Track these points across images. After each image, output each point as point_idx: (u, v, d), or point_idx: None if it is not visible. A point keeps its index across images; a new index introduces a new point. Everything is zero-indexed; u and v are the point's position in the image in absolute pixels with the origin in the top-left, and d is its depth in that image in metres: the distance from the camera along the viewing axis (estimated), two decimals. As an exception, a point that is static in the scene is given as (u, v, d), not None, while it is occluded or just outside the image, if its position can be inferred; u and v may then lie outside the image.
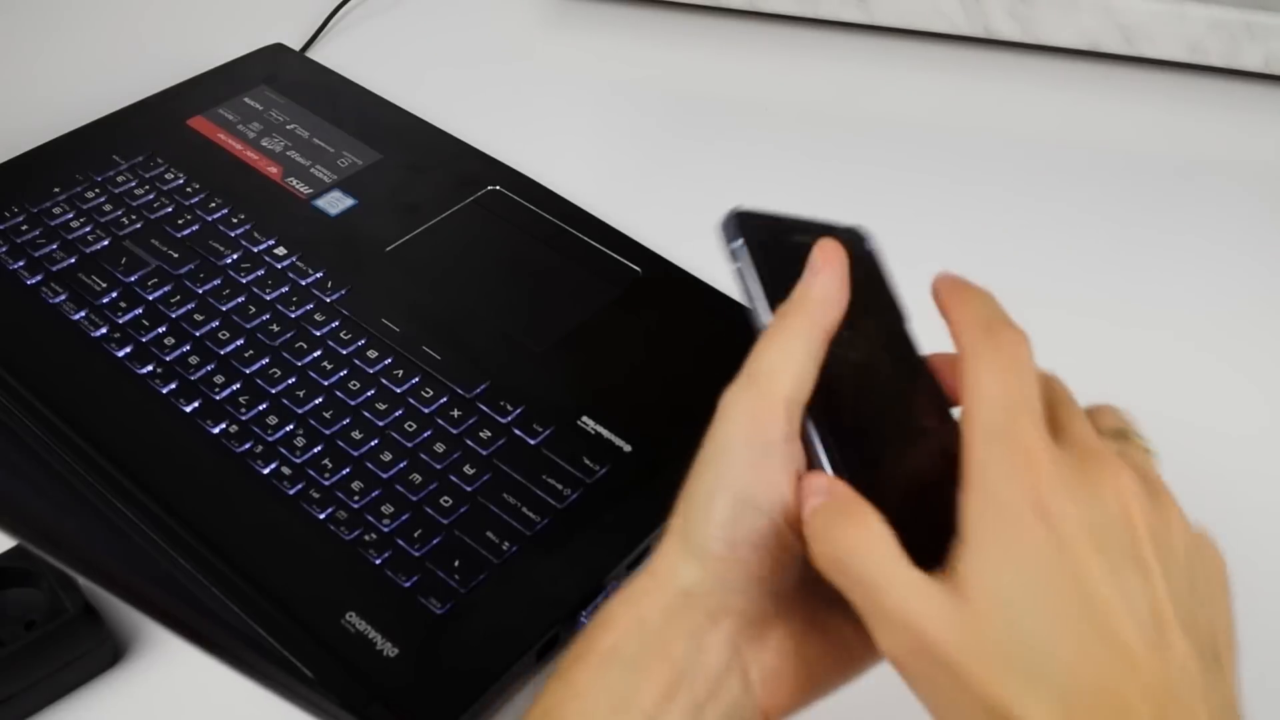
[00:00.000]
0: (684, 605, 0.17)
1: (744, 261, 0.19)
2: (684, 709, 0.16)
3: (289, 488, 0.27)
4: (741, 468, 0.17)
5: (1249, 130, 0.42)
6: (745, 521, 0.17)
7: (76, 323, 0.31)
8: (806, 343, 0.17)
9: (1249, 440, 0.31)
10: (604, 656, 0.17)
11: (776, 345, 0.17)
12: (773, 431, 0.17)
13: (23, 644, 0.24)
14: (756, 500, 0.17)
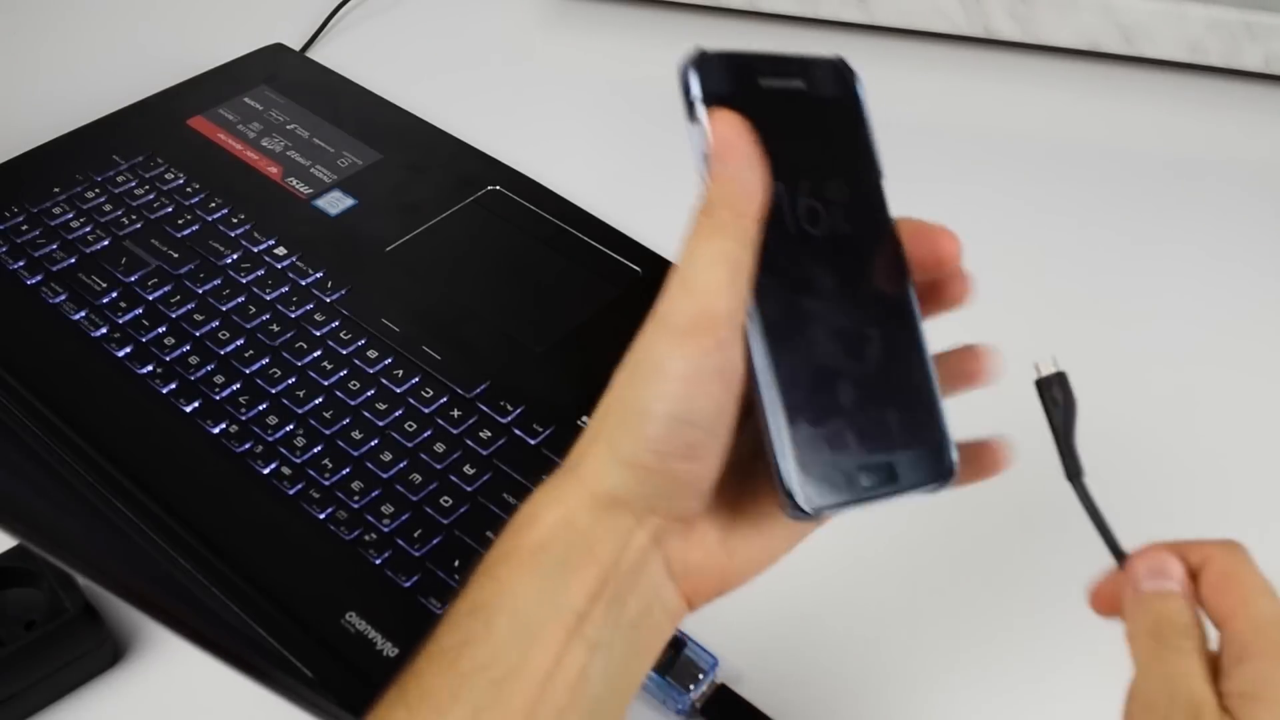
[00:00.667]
0: (610, 507, 0.17)
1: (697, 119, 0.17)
2: (608, 604, 0.17)
3: (289, 488, 0.27)
4: (677, 386, 0.16)
5: (1248, 130, 0.42)
6: (679, 436, 0.16)
7: (76, 323, 0.31)
8: (734, 243, 0.16)
9: (1249, 439, 0.31)
10: (533, 554, 0.17)
11: (704, 253, 0.16)
12: (716, 355, 0.16)
13: (23, 644, 0.24)
14: (692, 417, 0.16)
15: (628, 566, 0.17)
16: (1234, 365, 0.33)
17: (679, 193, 0.45)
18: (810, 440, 0.17)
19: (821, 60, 0.18)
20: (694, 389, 0.16)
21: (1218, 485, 0.30)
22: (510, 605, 0.16)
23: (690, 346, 0.16)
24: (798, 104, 0.18)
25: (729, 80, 0.17)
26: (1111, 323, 0.35)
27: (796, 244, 0.17)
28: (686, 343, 0.16)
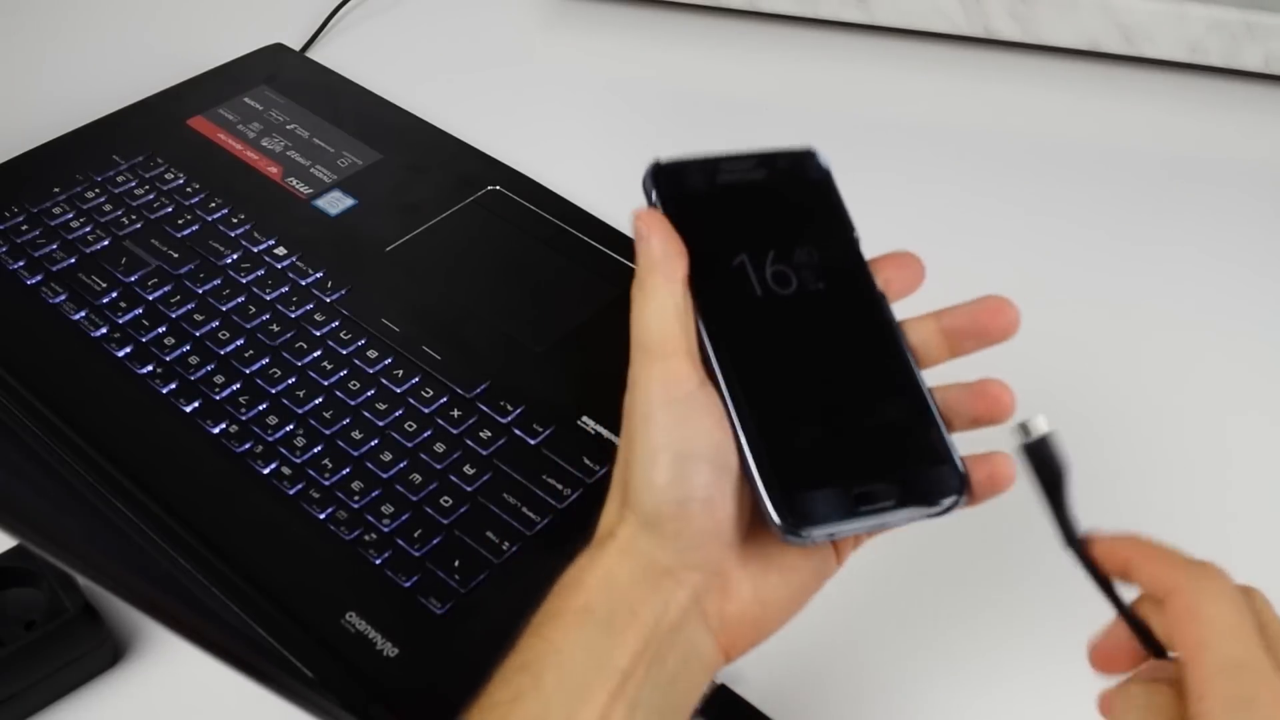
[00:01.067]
0: (648, 569, 0.18)
1: None
2: (650, 663, 0.18)
3: (289, 488, 0.27)
4: (670, 426, 0.18)
5: (1248, 130, 0.42)
6: (688, 475, 0.18)
7: (76, 323, 0.31)
8: (670, 297, 0.19)
9: (1249, 437, 0.31)
10: (579, 615, 0.18)
11: (648, 309, 0.18)
12: (687, 385, 0.18)
13: (22, 644, 0.24)
14: (692, 450, 0.18)
15: (668, 625, 0.18)
16: (1235, 364, 0.33)
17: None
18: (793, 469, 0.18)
19: (788, 152, 0.21)
20: (685, 425, 0.18)
21: (1219, 484, 0.30)
22: (558, 663, 0.18)
23: (670, 391, 0.18)
24: (759, 191, 0.20)
25: (683, 181, 0.20)
26: (1112, 322, 0.35)
27: (763, 303, 0.19)
28: (666, 389, 0.18)
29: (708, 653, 0.19)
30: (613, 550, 0.18)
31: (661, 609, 0.18)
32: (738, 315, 0.19)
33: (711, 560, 0.18)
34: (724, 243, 0.19)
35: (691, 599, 0.18)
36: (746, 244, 0.20)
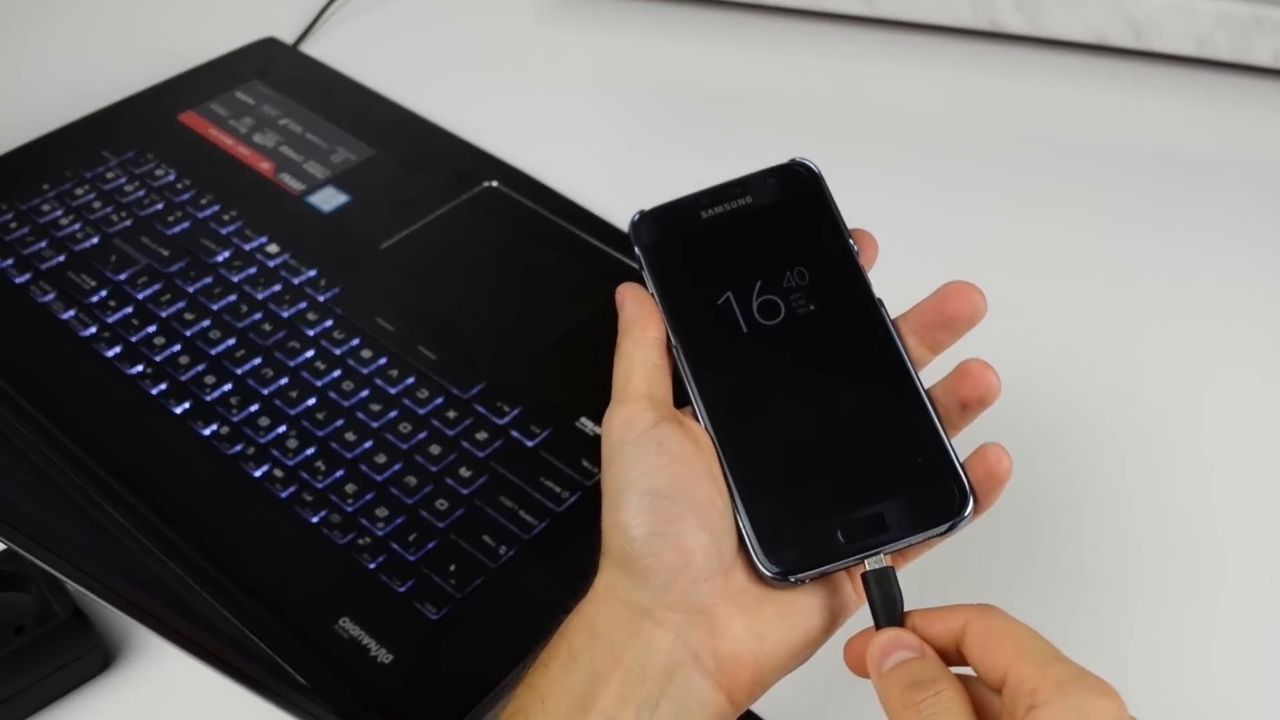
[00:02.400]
0: (626, 611, 0.18)
1: (641, 267, 0.20)
2: (638, 708, 0.17)
3: (281, 490, 0.27)
4: (629, 464, 0.18)
5: (1258, 125, 0.41)
6: (651, 510, 0.18)
7: (65, 322, 0.31)
8: (641, 352, 0.20)
9: (1254, 434, 0.31)
10: (564, 663, 0.18)
11: (621, 365, 0.20)
12: (641, 423, 0.19)
13: (11, 649, 0.23)
14: (652, 485, 0.18)
15: (656, 670, 0.18)
16: (1244, 360, 0.33)
17: (679, 189, 0.44)
18: (775, 507, 0.18)
19: (774, 169, 0.21)
20: (642, 463, 0.18)
21: (1220, 481, 0.29)
22: (543, 709, 0.18)
23: (628, 431, 0.19)
24: (745, 218, 0.20)
25: (665, 227, 0.20)
26: (1120, 317, 0.34)
27: (750, 338, 0.19)
28: (625, 429, 0.19)
29: (708, 698, 0.18)
30: (593, 596, 0.19)
31: (645, 653, 0.18)
32: (723, 355, 0.19)
33: (689, 597, 0.18)
34: (708, 282, 0.19)
35: (676, 641, 0.18)
36: (731, 279, 0.19)
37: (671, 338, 0.19)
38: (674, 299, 0.19)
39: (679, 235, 0.20)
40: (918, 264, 0.36)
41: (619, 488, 0.18)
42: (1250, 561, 0.28)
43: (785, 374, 0.19)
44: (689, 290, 0.19)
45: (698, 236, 0.20)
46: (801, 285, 0.19)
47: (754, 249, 0.20)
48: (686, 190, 0.38)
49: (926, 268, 0.35)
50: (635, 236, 0.20)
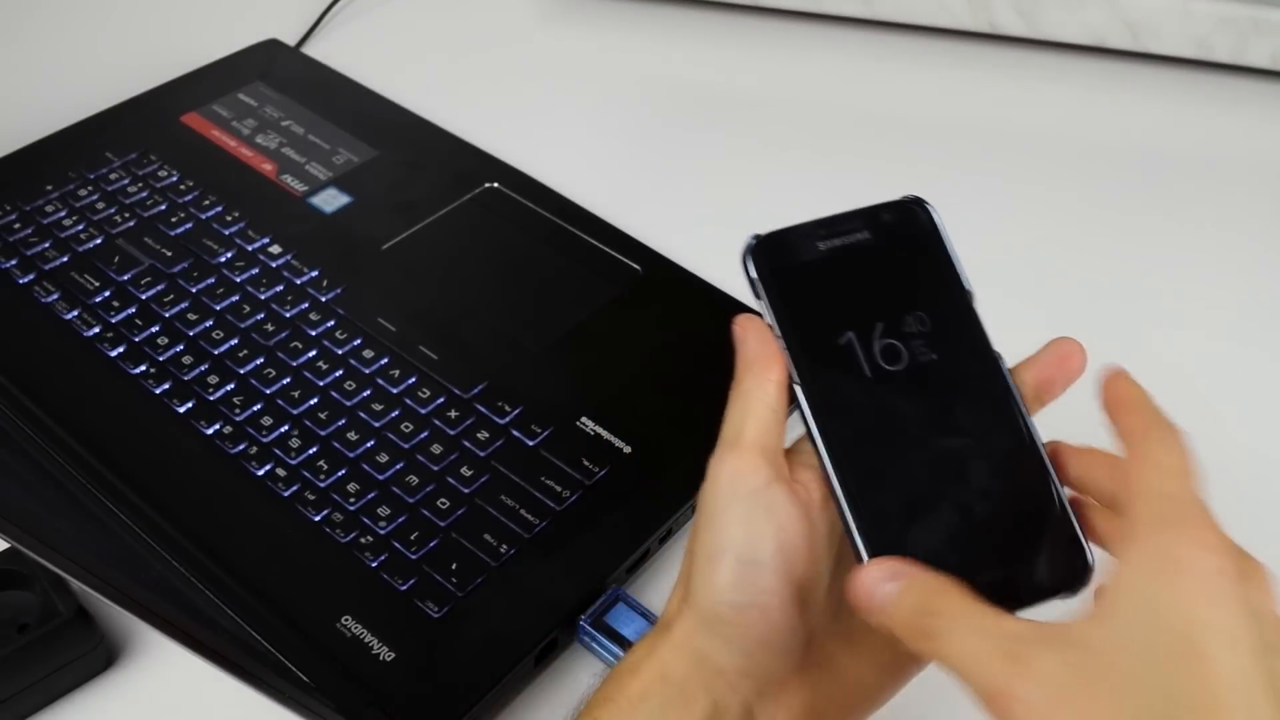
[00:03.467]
0: (701, 666, 0.18)
1: (760, 296, 0.19)
2: None
3: (284, 489, 0.27)
4: (734, 525, 0.18)
5: (1255, 126, 0.41)
6: (749, 580, 0.18)
7: (69, 322, 0.31)
8: (762, 395, 0.19)
9: (1255, 434, 0.31)
10: (633, 702, 0.18)
11: (735, 407, 0.19)
12: (754, 480, 0.18)
13: (15, 647, 0.24)
14: (755, 555, 0.18)
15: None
16: (1242, 361, 0.33)
17: (679, 190, 0.44)
18: None
19: (891, 204, 0.20)
20: (751, 525, 0.18)
21: (1222, 482, 0.30)
22: None
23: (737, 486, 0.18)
24: (864, 254, 0.19)
25: (782, 256, 0.19)
26: (1117, 318, 0.34)
27: (872, 383, 0.18)
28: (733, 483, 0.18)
29: None
30: (670, 644, 0.18)
31: (713, 707, 0.18)
32: (846, 400, 0.18)
33: (767, 669, 0.18)
34: (830, 321, 0.19)
35: (743, 708, 0.18)
36: (853, 318, 0.19)
37: (794, 376, 0.18)
38: (795, 336, 0.18)
39: (797, 266, 0.19)
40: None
41: (719, 546, 0.18)
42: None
43: (909, 425, 0.18)
44: (810, 328, 0.18)
45: (816, 270, 0.19)
46: (922, 331, 0.18)
47: (874, 288, 0.19)
48: (685, 187, 0.38)
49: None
50: (752, 262, 0.19)
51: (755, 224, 0.42)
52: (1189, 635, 0.14)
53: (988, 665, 0.15)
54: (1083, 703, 0.14)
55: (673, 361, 0.31)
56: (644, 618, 0.25)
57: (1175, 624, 0.14)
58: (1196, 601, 0.14)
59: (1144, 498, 0.16)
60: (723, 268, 0.34)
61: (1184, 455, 0.16)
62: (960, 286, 0.19)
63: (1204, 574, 0.15)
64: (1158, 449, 0.16)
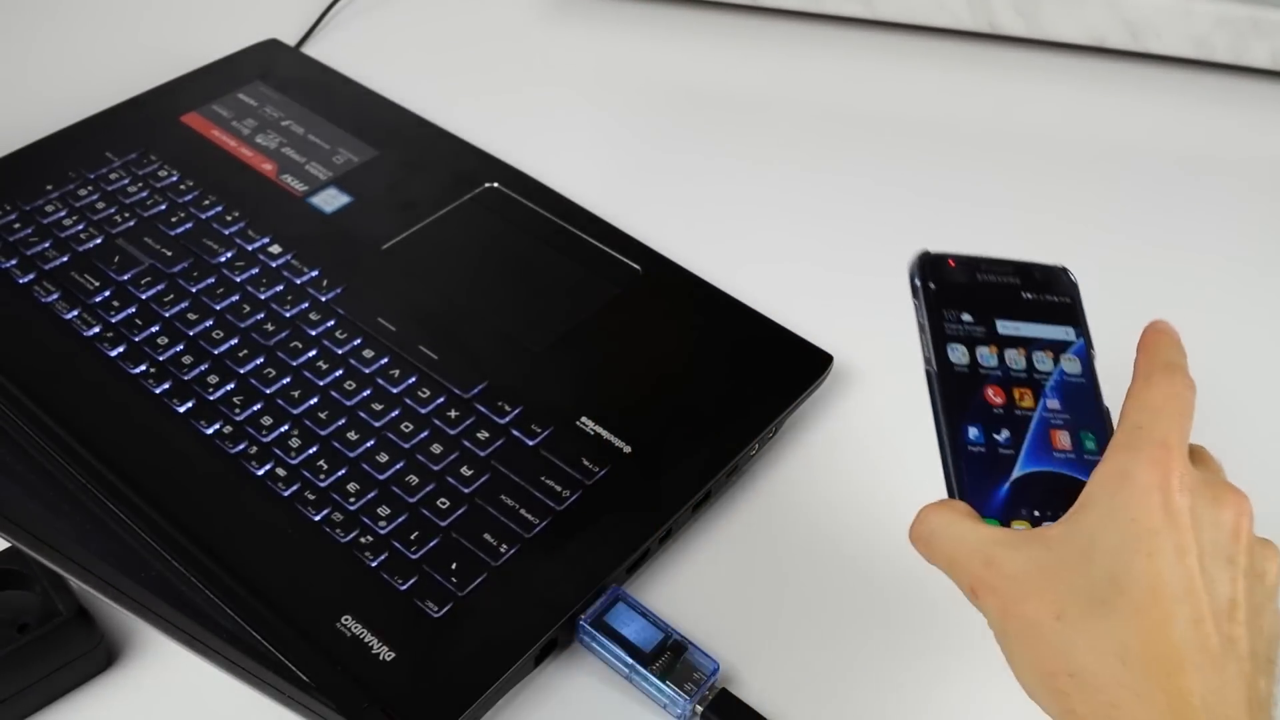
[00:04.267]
0: None
1: (918, 302, 0.22)
2: None
3: (284, 489, 0.27)
4: None
5: (1255, 126, 0.42)
6: None
7: (69, 322, 0.31)
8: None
9: (1252, 434, 0.31)
10: None
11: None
12: None
13: (15, 647, 0.24)
14: None
15: None
16: (1242, 361, 0.33)
17: (679, 190, 0.44)
18: None
19: (1044, 265, 0.23)
20: None
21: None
22: None
23: None
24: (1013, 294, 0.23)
25: (947, 274, 0.22)
26: (1116, 319, 0.34)
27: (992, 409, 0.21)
28: None
29: None
30: None
31: None
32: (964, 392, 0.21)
33: None
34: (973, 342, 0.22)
35: None
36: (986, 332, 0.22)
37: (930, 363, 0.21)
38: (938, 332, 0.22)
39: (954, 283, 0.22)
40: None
41: None
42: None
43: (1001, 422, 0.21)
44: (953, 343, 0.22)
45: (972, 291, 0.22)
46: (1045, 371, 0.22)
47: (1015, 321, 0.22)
48: (686, 187, 0.38)
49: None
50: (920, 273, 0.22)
51: (754, 224, 0.42)
52: (1127, 534, 0.17)
53: (967, 565, 0.19)
54: (1038, 588, 0.18)
55: (673, 361, 0.31)
56: (643, 617, 0.25)
57: (1118, 526, 0.17)
58: (1137, 508, 0.17)
59: (1122, 427, 0.19)
60: (722, 267, 0.34)
61: (1169, 396, 0.19)
62: (1084, 342, 0.22)
63: (1146, 487, 0.17)
64: (1145, 387, 0.19)
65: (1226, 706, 0.16)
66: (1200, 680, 0.17)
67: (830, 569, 0.27)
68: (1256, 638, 0.17)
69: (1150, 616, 0.17)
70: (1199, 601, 0.17)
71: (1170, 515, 0.17)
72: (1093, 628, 0.17)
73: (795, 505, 0.29)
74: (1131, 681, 0.17)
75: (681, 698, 0.24)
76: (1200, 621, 0.17)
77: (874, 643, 0.26)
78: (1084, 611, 0.17)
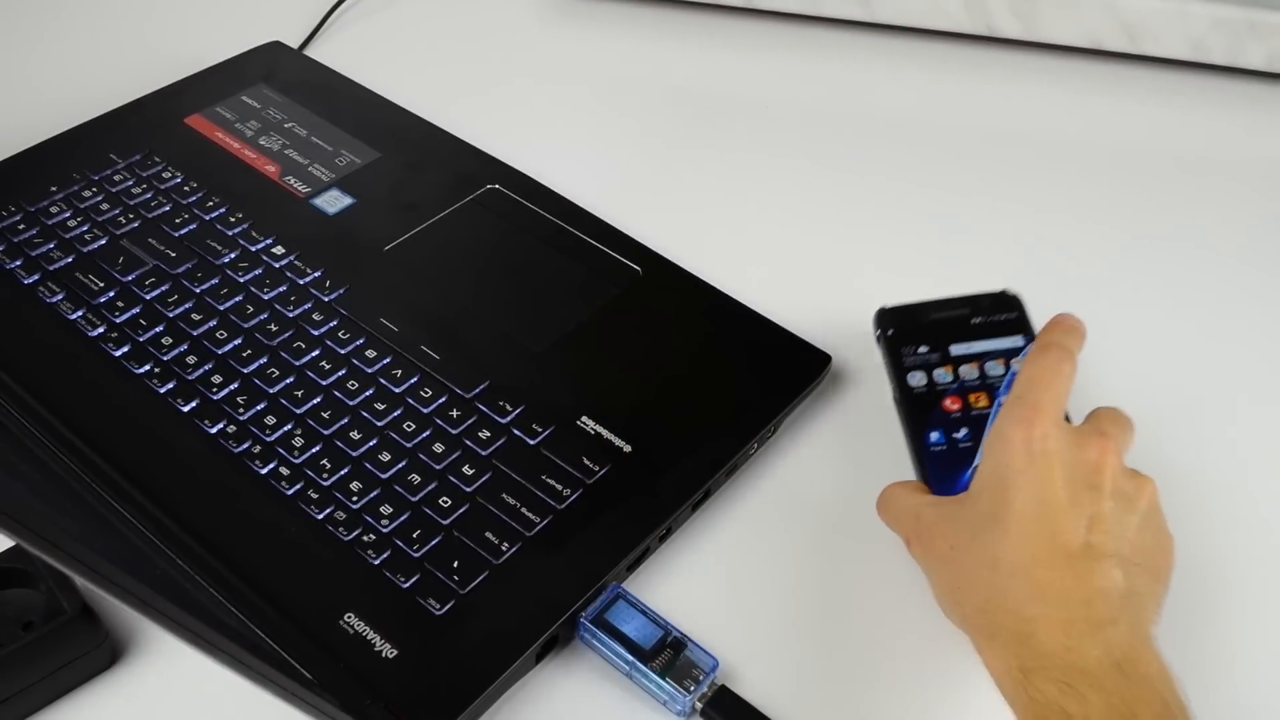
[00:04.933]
0: None
1: (880, 347, 0.29)
2: None
3: (287, 488, 0.27)
4: None
5: (1251, 128, 0.42)
6: None
7: (74, 322, 0.31)
8: None
9: (1248, 436, 0.31)
10: None
11: None
12: None
13: (20, 645, 0.24)
14: None
15: None
16: (1237, 363, 0.33)
17: (678, 192, 0.45)
18: None
19: (987, 294, 0.30)
20: None
21: (1222, 482, 0.30)
22: None
23: None
24: (963, 322, 0.29)
25: (902, 320, 0.30)
26: (1113, 320, 0.35)
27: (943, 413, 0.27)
28: None
29: None
30: None
31: None
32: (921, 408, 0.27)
33: None
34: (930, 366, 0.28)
35: None
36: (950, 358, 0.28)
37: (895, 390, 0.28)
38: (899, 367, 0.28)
39: (909, 326, 0.29)
40: (913, 266, 0.36)
41: None
42: (1248, 565, 0.28)
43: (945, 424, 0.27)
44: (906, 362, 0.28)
45: (925, 328, 0.29)
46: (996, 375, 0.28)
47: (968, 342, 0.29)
48: (685, 189, 0.39)
49: (922, 270, 0.36)
50: (880, 323, 0.30)
51: (753, 225, 0.42)
52: (1000, 478, 0.23)
53: (902, 521, 0.25)
54: (942, 531, 0.24)
55: (672, 361, 0.31)
56: (643, 615, 0.25)
57: (995, 473, 0.23)
58: (1008, 456, 0.23)
59: (1007, 399, 0.24)
60: (721, 268, 0.35)
61: (1043, 369, 0.24)
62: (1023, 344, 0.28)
63: (1013, 440, 0.23)
64: (1028, 364, 0.24)
65: (1079, 590, 0.21)
66: (1056, 574, 0.21)
67: (828, 567, 0.27)
68: (1120, 543, 0.22)
69: (1013, 532, 0.22)
70: (1057, 516, 0.22)
71: (1032, 457, 0.22)
72: (974, 550, 0.23)
73: (793, 504, 0.29)
74: (999, 582, 0.22)
75: (681, 694, 0.24)
76: (1058, 533, 0.22)
77: (871, 640, 0.26)
78: (968, 540, 0.23)
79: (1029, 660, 0.21)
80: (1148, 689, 0.20)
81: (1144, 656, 0.21)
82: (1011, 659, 0.21)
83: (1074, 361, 0.24)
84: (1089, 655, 0.20)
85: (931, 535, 0.24)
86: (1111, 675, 0.20)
